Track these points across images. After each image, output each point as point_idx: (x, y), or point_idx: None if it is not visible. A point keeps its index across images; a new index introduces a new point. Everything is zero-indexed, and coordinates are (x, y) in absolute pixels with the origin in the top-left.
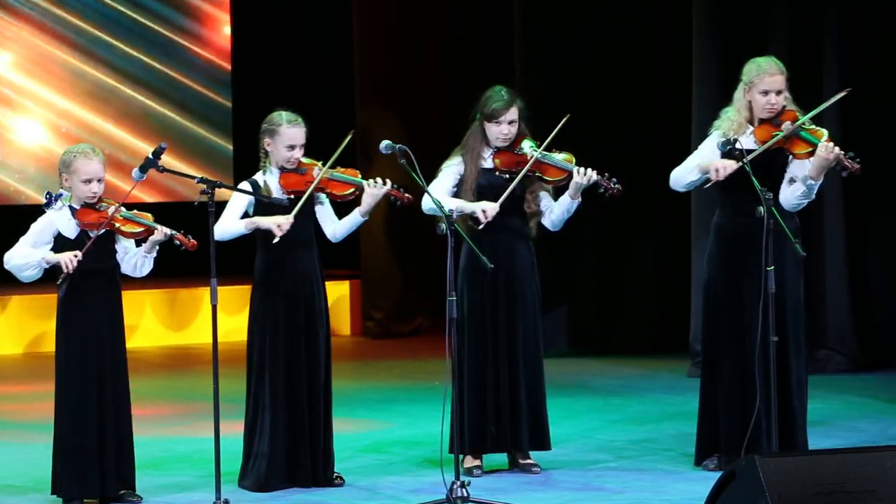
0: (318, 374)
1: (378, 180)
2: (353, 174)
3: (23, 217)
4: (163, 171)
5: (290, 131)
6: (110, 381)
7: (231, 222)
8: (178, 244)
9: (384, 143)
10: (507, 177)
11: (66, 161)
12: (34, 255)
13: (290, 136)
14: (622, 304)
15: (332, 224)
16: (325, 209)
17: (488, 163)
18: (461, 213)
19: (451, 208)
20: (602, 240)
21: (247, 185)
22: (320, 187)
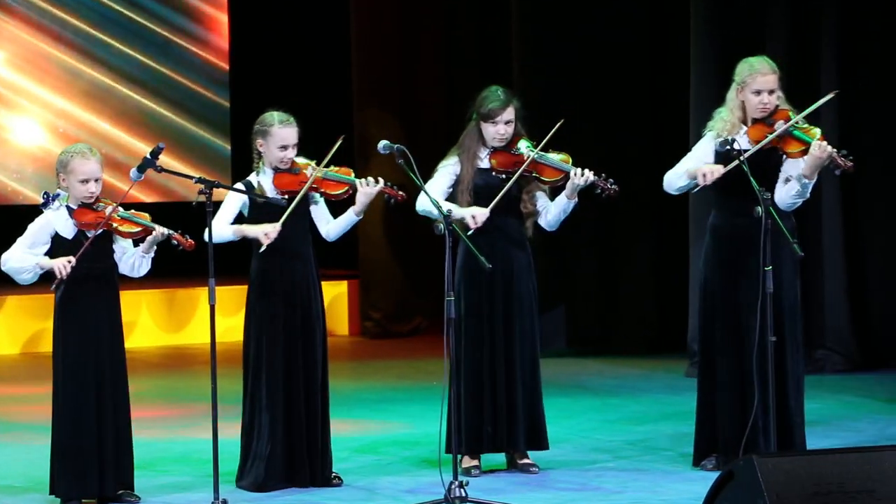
0: (315, 374)
1: (370, 179)
2: (347, 173)
3: (20, 217)
4: (161, 170)
5: (281, 132)
6: (109, 382)
7: (220, 228)
8: (175, 244)
9: (382, 143)
10: (504, 177)
11: (63, 161)
12: (29, 259)
13: (282, 136)
14: (620, 304)
15: (327, 223)
16: (319, 209)
17: (485, 163)
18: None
19: (448, 209)
20: (600, 240)
21: (241, 188)
22: (314, 187)
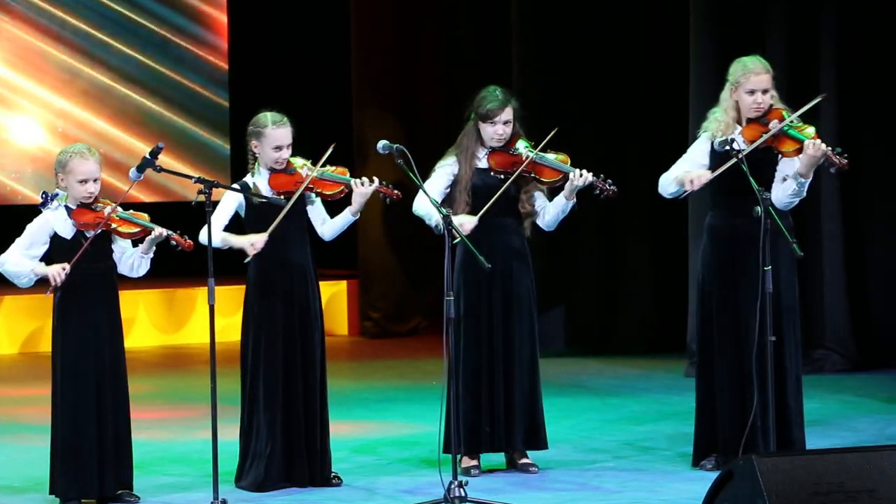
0: (313, 374)
1: (365, 179)
2: (343, 173)
3: (19, 217)
4: (160, 170)
5: (275, 132)
6: (108, 382)
7: (213, 232)
8: (174, 244)
9: (381, 143)
10: (502, 177)
11: (62, 161)
12: (25, 265)
13: (275, 137)
14: (619, 304)
15: (324, 223)
16: (316, 208)
17: (483, 163)
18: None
19: (447, 211)
20: (599, 240)
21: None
22: (309, 187)
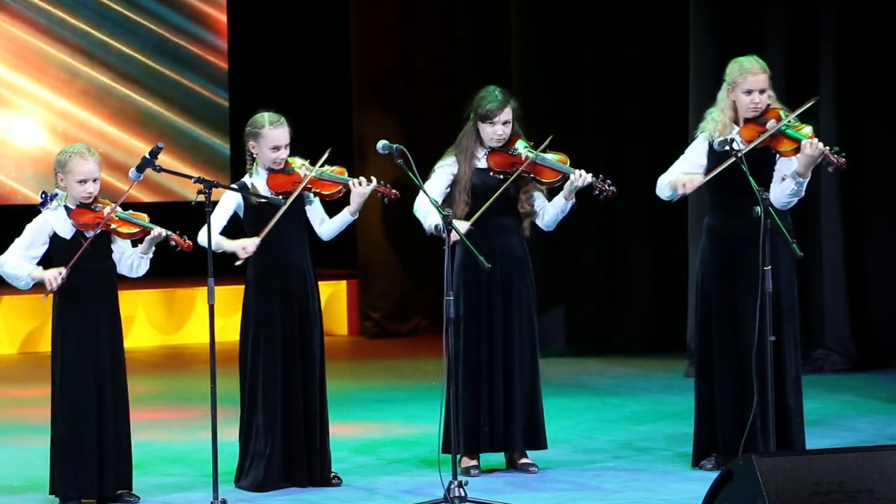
0: (313, 373)
1: (363, 179)
2: (341, 172)
3: (19, 217)
4: (160, 170)
5: (272, 133)
6: (108, 382)
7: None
8: (173, 244)
9: (381, 143)
10: (501, 177)
11: (61, 161)
12: (23, 268)
13: (273, 137)
14: (619, 304)
15: (322, 223)
16: (314, 208)
17: (482, 162)
18: (431, 229)
19: (446, 211)
20: (599, 240)
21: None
22: (308, 187)
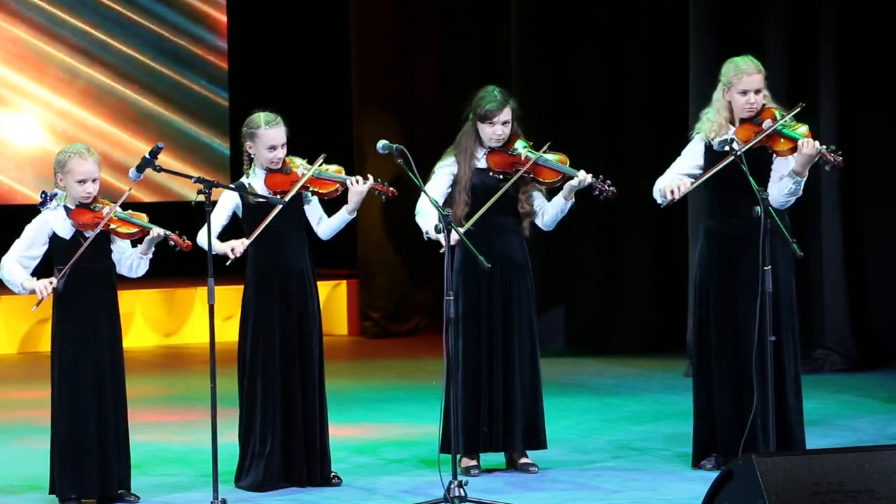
0: (312, 373)
1: (360, 178)
2: (338, 171)
3: (19, 217)
4: (160, 170)
5: (269, 133)
6: (108, 382)
7: (202, 236)
8: (172, 245)
9: (381, 143)
10: (501, 177)
11: (60, 161)
12: (18, 276)
13: (269, 137)
14: (619, 304)
15: (321, 222)
16: (312, 207)
17: (482, 162)
18: (427, 234)
19: (447, 211)
20: (599, 240)
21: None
22: (305, 186)
